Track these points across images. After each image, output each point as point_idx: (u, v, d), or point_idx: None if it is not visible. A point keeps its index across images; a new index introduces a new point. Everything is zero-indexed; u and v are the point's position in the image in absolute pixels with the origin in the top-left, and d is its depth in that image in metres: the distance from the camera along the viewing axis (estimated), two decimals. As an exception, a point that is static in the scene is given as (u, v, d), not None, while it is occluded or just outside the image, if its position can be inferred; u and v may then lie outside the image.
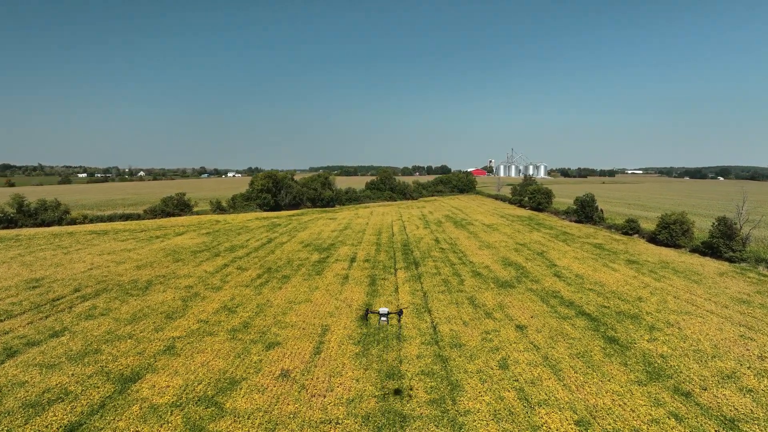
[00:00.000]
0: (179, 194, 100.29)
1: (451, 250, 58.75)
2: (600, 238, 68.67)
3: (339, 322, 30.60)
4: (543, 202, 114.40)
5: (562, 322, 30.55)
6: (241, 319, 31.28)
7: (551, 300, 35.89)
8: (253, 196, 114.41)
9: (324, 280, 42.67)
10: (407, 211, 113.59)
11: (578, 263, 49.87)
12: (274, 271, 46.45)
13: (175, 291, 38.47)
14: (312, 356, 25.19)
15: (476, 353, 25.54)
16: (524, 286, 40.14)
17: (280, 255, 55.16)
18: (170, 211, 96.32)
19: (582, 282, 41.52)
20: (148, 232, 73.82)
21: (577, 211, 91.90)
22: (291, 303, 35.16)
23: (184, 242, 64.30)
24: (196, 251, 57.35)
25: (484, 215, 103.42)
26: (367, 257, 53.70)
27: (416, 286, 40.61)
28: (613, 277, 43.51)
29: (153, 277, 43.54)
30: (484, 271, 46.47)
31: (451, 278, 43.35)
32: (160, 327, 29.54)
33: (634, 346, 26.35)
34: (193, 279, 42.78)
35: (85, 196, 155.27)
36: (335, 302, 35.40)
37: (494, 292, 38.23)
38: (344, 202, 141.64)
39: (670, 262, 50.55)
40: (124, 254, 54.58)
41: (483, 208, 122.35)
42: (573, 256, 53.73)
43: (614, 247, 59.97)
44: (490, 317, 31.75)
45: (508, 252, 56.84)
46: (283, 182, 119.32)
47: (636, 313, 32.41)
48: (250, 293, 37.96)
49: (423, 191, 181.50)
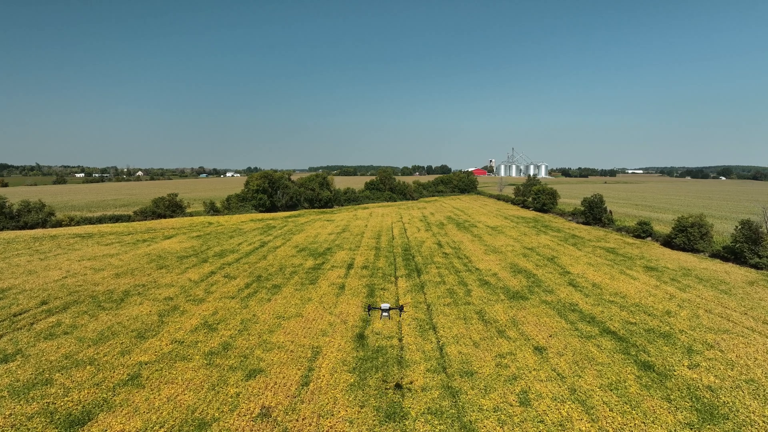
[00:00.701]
0: (171, 195, 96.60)
1: (455, 255, 55.07)
2: (611, 241, 65.01)
3: (332, 343, 26.93)
4: (548, 203, 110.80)
5: (585, 343, 26.88)
6: (222, 338, 27.59)
7: (569, 314, 32.22)
8: (249, 196, 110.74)
9: (318, 290, 38.99)
10: (407, 213, 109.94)
11: (593, 270, 46.21)
12: (264, 279, 42.77)
13: (153, 303, 34.77)
14: (299, 388, 21.51)
15: (491, 384, 21.87)
16: (538, 298, 36.47)
17: (272, 261, 51.47)
18: (161, 212, 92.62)
19: (600, 292, 37.85)
20: (136, 236, 70.11)
21: (584, 212, 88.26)
22: (280, 318, 31.48)
23: (172, 246, 60.61)
24: (183, 257, 53.66)
25: (488, 217, 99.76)
26: (365, 263, 50.02)
27: (419, 297, 36.93)
28: (633, 286, 39.84)
29: (131, 286, 39.84)
30: (492, 279, 42.81)
31: (457, 288, 39.68)
32: (127, 349, 25.85)
33: (674, 375, 22.68)
34: (175, 289, 39.09)
35: (76, 196, 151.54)
36: (329, 317, 31.72)
37: (505, 305, 34.56)
38: (343, 203, 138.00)
39: (691, 268, 46.90)
40: (105, 260, 50.87)
41: (486, 209, 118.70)
42: (586, 262, 50.06)
43: (628, 252, 56.32)
44: (504, 336, 28.09)
45: (516, 257, 53.17)
46: (280, 182, 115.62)
47: (667, 331, 28.75)
48: (235, 306, 34.26)
49: (423, 191, 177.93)
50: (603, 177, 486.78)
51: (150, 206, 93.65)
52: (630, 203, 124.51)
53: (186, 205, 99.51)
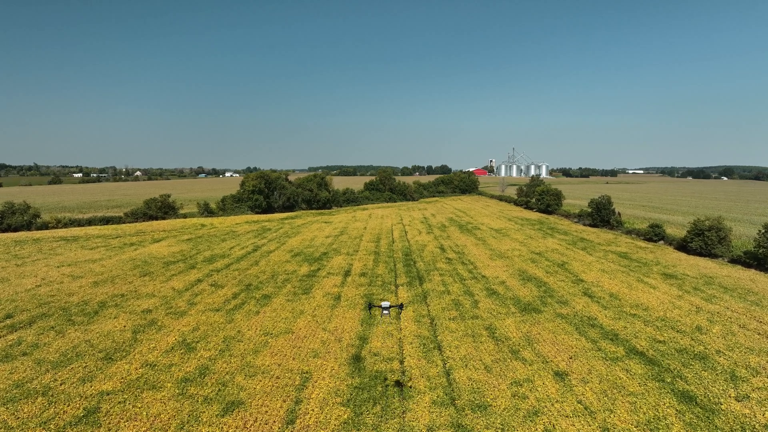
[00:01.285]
0: (163, 196, 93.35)
1: (459, 260, 51.87)
2: (623, 245, 61.84)
3: (325, 367, 23.73)
4: (552, 204, 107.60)
5: (612, 366, 23.70)
6: (200, 361, 24.39)
7: (589, 331, 29.03)
8: (244, 197, 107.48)
9: (311, 301, 35.78)
10: (408, 214, 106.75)
11: (608, 278, 43.02)
12: (254, 288, 39.55)
13: (129, 317, 31.57)
14: (283, 426, 18.34)
15: (508, 420, 18.69)
16: (552, 310, 33.27)
17: (264, 267, 48.26)
18: (153, 214, 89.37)
19: (620, 304, 34.66)
20: (123, 239, 66.90)
21: (591, 214, 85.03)
22: (267, 335, 28.28)
23: (160, 251, 57.39)
24: (170, 262, 50.44)
25: (491, 218, 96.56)
26: (363, 270, 46.82)
27: (422, 309, 33.73)
28: (654, 296, 36.65)
29: (109, 297, 36.63)
30: (501, 288, 39.61)
31: (463, 298, 36.48)
32: (90, 375, 22.65)
33: (721, 409, 19.51)
34: (156, 300, 35.88)
35: (69, 197, 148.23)
36: (322, 334, 28.53)
37: (517, 319, 31.37)
38: (342, 204, 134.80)
39: (713, 276, 43.72)
40: (86, 266, 47.66)
41: (488, 211, 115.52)
42: (599, 269, 46.87)
43: (642, 257, 53.13)
44: (518, 357, 24.90)
45: (524, 263, 49.97)
46: (277, 183, 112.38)
47: (702, 351, 25.57)
48: (219, 321, 31.06)
49: (424, 192, 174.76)
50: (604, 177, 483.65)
51: (141, 208, 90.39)
52: (636, 204, 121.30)
53: (179, 207, 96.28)
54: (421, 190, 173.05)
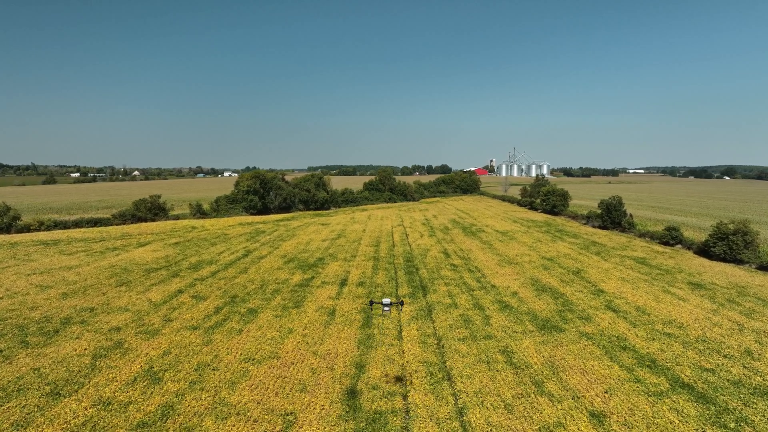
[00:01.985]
0: (153, 197, 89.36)
1: (466, 267, 47.94)
2: (639, 250, 57.92)
3: (313, 405, 19.80)
4: (558, 205, 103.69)
5: (657, 405, 19.78)
6: (164, 397, 20.44)
7: (621, 355, 25.12)
8: (239, 198, 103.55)
9: (302, 316, 31.84)
10: (409, 215, 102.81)
11: (630, 288, 39.11)
12: (240, 301, 35.61)
13: (93, 337, 27.64)
14: (256, 494, 14.41)
15: (542, 486, 14.76)
16: (574, 328, 29.36)
17: (253, 275, 44.33)
18: (142, 215, 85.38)
19: (649, 320, 30.75)
20: (107, 242, 62.94)
21: (601, 215, 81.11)
22: (248, 361, 24.36)
23: (143, 256, 53.45)
24: (152, 269, 46.51)
25: (495, 220, 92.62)
26: (361, 278, 42.90)
27: (427, 327, 29.81)
28: (686, 311, 32.75)
29: (76, 311, 32.68)
30: (513, 300, 35.69)
31: (473, 313, 32.56)
32: (26, 419, 18.71)
33: (808, 469, 15.59)
34: (128, 315, 31.94)
35: (60, 197, 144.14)
36: (312, 360, 24.61)
37: (536, 339, 27.46)
38: (340, 204, 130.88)
39: (745, 286, 39.81)
40: (59, 275, 43.71)
41: (491, 212, 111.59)
42: (619, 277, 42.97)
43: (663, 263, 49.24)
44: (544, 392, 20.97)
45: (536, 270, 46.05)
46: (272, 183, 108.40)
47: (762, 384, 21.64)
48: (195, 342, 27.13)
49: (425, 192, 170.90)
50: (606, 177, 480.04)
51: (130, 209, 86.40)
52: (645, 205, 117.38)
53: (170, 208, 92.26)
54: (421, 190, 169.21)
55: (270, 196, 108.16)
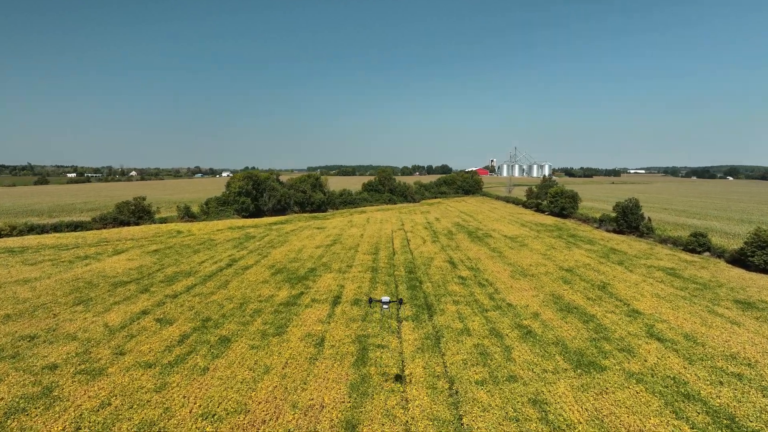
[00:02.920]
0: (138, 198, 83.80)
1: (475, 280, 42.46)
2: (664, 258, 52.46)
3: (283, 497, 14.29)
4: (568, 207, 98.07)
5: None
6: (81, 482, 14.94)
7: (687, 408, 19.62)
8: (230, 200, 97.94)
9: (284, 347, 26.34)
10: (409, 218, 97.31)
11: (669, 307, 33.63)
12: (212, 326, 30.09)
13: (19, 380, 22.11)
14: None
15: None
16: (617, 365, 23.86)
17: (234, 290, 38.83)
18: (125, 219, 79.83)
19: (705, 353, 25.26)
20: (80, 250, 57.41)
21: (616, 219, 75.67)
22: (207, 418, 18.86)
23: (116, 266, 47.94)
24: (121, 283, 41.02)
25: (502, 223, 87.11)
26: (357, 294, 37.41)
27: (435, 363, 24.29)
28: (745, 340, 27.27)
29: (12, 340, 27.15)
30: (536, 325, 30.19)
31: (489, 342, 27.07)
32: None
33: None
34: (74, 346, 26.43)
35: (45, 199, 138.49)
36: (290, 415, 19.11)
37: (573, 383, 21.96)
38: (338, 206, 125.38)
39: (802, 304, 34.34)
40: (10, 290, 38.17)
41: (496, 214, 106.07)
42: (652, 293, 37.50)
43: (696, 276, 43.79)
44: (598, 471, 15.46)
45: (555, 284, 40.58)
46: (266, 184, 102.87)
47: None
48: (146, 386, 21.62)
49: (425, 193, 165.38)
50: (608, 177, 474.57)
51: (112, 212, 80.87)
52: (657, 207, 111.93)
53: (155, 210, 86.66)
54: (422, 191, 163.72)
55: (263, 198, 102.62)
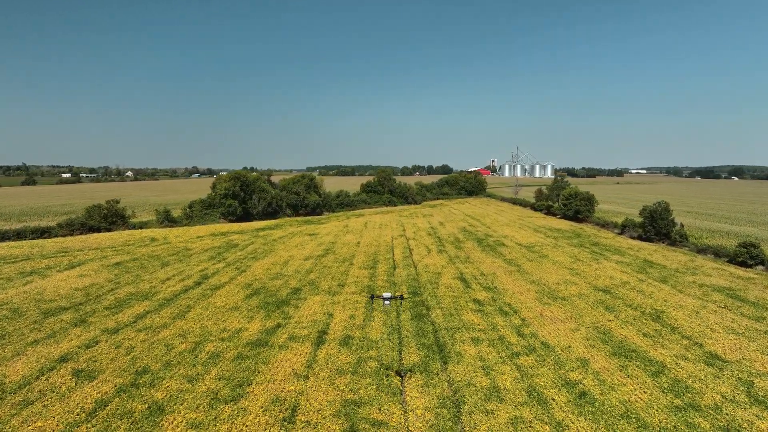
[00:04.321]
0: (111, 202, 75.65)
1: (495, 305, 34.40)
2: (713, 274, 44.47)
3: None
4: (583, 210, 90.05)
5: None
6: None
7: None
8: (216, 202, 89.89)
9: (237, 427, 18.27)
10: (411, 222, 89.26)
11: (756, 350, 25.61)
12: (148, 383, 22.01)
13: None
14: None
15: None
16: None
17: (193, 322, 30.74)
18: (94, 224, 71.72)
19: None
20: (30, 262, 49.34)
21: (643, 224, 67.69)
22: None
23: (60, 285, 39.90)
24: (57, 310, 32.95)
25: (512, 228, 79.05)
26: (348, 329, 29.33)
27: (458, 459, 16.24)
28: None
29: None
30: (589, 381, 22.13)
31: (530, 413, 19.03)
32: None
33: None
34: (-63, 422, 18.36)
35: (21, 201, 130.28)
36: None
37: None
38: (334, 209, 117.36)
39: None
40: None
41: (505, 217, 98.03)
42: (724, 326, 29.46)
43: (765, 299, 35.78)
44: None
45: (595, 311, 32.53)
46: (255, 185, 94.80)
47: None
48: None
49: (427, 194, 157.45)
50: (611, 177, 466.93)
51: (80, 217, 72.79)
52: (678, 210, 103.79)
53: (130, 215, 78.43)
54: (423, 191, 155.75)
55: (252, 201, 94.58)
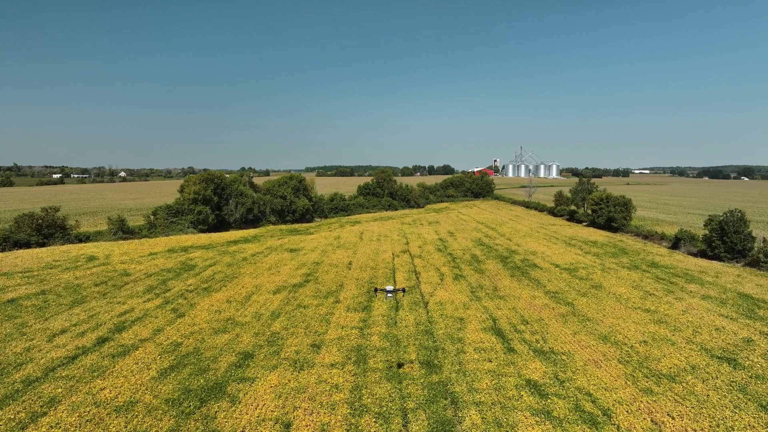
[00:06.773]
0: (48, 210, 61.73)
1: (566, 397, 20.55)
2: None
3: None
4: (618, 218, 76.03)
5: None
6: None
7: None
8: (184, 209, 75.85)
9: None
10: (415, 231, 75.39)
11: None
12: None
13: None
14: None
15: None
16: None
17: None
18: (23, 238, 57.81)
19: None
20: None
21: (709, 239, 53.89)
22: None
23: None
24: None
25: (537, 240, 65.18)
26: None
27: None
28: None
29: None
30: None
31: None
32: None
33: None
34: None
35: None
36: None
37: None
38: (327, 214, 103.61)
39: None
40: None
41: (523, 225, 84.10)
42: None
43: None
44: None
45: (726, 410, 18.71)
46: (232, 188, 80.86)
47: None
48: None
49: (430, 196, 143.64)
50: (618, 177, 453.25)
51: (6, 229, 58.84)
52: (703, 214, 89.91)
53: (73, 225, 64.33)
54: (426, 194, 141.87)
55: (229, 206, 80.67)
